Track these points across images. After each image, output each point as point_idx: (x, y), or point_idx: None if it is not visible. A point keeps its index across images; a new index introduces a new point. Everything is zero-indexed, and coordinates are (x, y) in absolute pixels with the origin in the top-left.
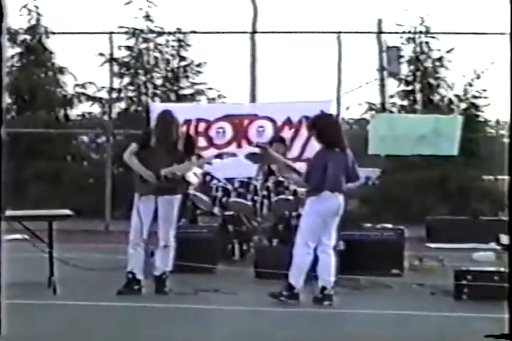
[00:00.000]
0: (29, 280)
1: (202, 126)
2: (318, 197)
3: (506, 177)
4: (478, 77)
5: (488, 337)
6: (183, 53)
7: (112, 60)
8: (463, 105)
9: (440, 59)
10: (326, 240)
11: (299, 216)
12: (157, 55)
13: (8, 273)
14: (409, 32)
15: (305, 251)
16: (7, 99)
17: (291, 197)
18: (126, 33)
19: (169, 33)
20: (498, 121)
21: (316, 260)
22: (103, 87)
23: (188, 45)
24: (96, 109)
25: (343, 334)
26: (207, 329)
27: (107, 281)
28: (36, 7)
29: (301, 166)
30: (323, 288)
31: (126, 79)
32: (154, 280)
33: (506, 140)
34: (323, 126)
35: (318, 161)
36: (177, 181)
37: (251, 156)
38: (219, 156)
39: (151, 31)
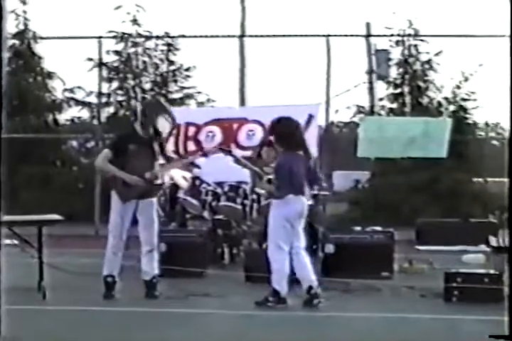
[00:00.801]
0: (19, 286)
1: (191, 130)
2: (283, 200)
3: (498, 179)
4: (466, 80)
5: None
6: (171, 57)
7: (100, 64)
8: (452, 107)
9: (429, 61)
10: (296, 242)
11: None
12: (146, 59)
13: None
14: (398, 35)
15: (281, 255)
16: None
17: None
18: (114, 37)
19: (158, 37)
20: (487, 124)
21: (291, 263)
22: (92, 92)
23: (177, 49)
24: (85, 113)
25: (333, 338)
26: (197, 334)
27: (97, 286)
28: (24, 12)
29: None
30: (310, 288)
31: (115, 84)
32: (145, 285)
33: (495, 142)
34: (283, 129)
35: (281, 165)
36: (156, 183)
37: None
38: (204, 155)
39: (140, 35)
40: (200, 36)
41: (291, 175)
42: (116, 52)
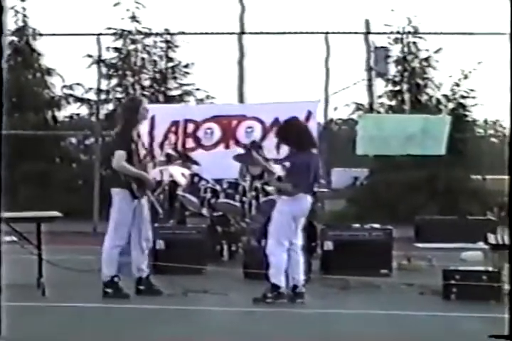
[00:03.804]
0: (18, 282)
1: (190, 127)
2: (293, 198)
3: (497, 176)
4: (465, 77)
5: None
6: (170, 54)
7: (99, 61)
8: (451, 105)
9: (427, 59)
10: (294, 239)
11: None
12: (145, 56)
13: None
14: (397, 32)
15: (280, 250)
16: None
17: None
18: (114, 34)
19: (157, 34)
20: (485, 121)
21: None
22: (91, 89)
23: (176, 46)
24: (84, 110)
25: (331, 334)
26: (196, 330)
27: (95, 283)
28: (23, 9)
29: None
30: (295, 287)
31: (114, 81)
32: (143, 283)
33: (494, 139)
34: (295, 130)
35: (297, 164)
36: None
37: (239, 157)
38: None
39: (139, 32)
40: (199, 33)
41: (305, 174)
42: (116, 49)
